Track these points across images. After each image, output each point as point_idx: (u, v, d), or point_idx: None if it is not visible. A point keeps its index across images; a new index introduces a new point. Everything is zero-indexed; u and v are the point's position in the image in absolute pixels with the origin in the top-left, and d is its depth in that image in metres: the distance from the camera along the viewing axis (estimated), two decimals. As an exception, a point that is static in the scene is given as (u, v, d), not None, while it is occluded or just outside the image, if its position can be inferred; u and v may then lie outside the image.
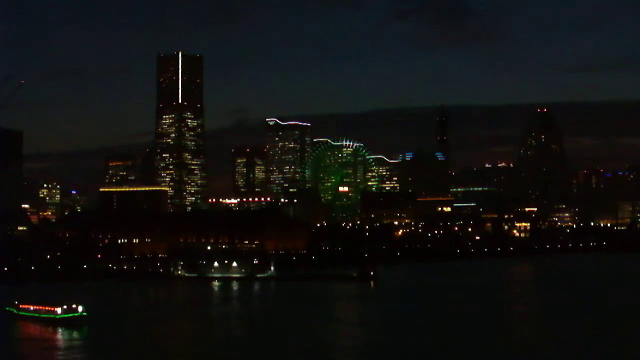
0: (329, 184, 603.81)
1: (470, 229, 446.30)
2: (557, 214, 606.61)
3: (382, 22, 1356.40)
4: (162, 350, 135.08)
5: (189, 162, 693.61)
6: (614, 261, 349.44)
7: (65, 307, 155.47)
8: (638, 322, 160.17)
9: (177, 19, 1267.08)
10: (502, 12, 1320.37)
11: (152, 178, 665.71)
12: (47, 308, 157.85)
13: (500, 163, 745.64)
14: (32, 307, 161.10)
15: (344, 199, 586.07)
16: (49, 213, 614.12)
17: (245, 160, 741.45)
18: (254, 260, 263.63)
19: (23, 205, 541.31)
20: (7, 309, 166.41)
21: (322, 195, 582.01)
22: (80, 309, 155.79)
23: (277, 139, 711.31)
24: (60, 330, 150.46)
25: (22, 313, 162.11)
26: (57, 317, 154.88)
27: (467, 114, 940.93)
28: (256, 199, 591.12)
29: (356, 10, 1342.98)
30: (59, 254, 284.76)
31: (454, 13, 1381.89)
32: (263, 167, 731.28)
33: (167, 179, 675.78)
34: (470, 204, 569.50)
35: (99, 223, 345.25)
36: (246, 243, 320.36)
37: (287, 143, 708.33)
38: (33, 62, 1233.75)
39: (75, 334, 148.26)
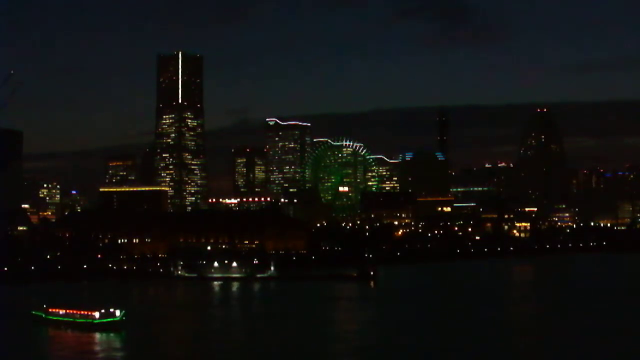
0: (329, 184, 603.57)
1: (470, 229, 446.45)
2: (557, 214, 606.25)
3: (382, 22, 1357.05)
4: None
5: (189, 162, 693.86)
6: (614, 261, 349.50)
7: (103, 311, 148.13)
8: (637, 322, 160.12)
9: (177, 19, 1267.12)
10: (503, 12, 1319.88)
11: (152, 178, 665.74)
12: (83, 312, 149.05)
13: (500, 163, 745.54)
14: (62, 311, 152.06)
15: (344, 199, 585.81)
16: (49, 213, 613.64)
17: (245, 160, 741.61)
18: (254, 260, 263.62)
19: (23, 205, 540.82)
20: (34, 312, 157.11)
21: (322, 195, 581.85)
22: (118, 312, 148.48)
23: (277, 139, 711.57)
24: (97, 335, 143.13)
25: (52, 317, 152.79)
26: (95, 321, 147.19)
27: (467, 114, 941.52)
28: (256, 199, 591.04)
29: (357, 10, 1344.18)
30: (59, 254, 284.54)
31: (454, 13, 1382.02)
32: (263, 167, 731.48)
33: (167, 179, 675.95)
34: (470, 204, 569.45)
35: (99, 223, 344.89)
36: (246, 243, 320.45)
37: (287, 143, 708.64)
38: (33, 62, 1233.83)
39: (113, 339, 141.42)
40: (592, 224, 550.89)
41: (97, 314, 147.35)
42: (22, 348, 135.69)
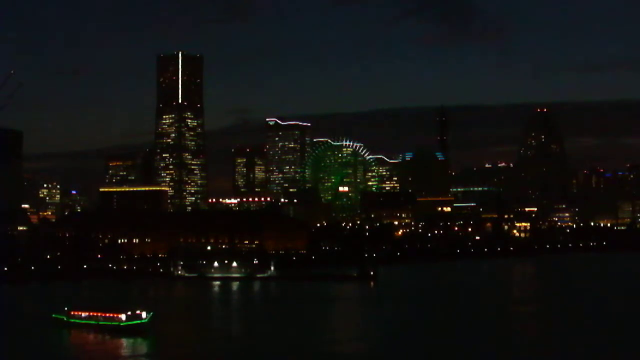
0: (329, 184, 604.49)
1: (470, 229, 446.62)
2: (557, 214, 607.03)
3: (382, 22, 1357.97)
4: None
5: (189, 162, 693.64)
6: (614, 261, 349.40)
7: (129, 313, 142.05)
8: (636, 322, 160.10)
9: (177, 19, 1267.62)
10: (503, 12, 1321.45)
11: (152, 178, 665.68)
12: (109, 314, 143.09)
13: (500, 163, 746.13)
14: (84, 314, 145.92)
15: (344, 199, 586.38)
16: (49, 213, 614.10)
17: (245, 160, 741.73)
18: (254, 260, 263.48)
19: (23, 205, 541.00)
20: (55, 315, 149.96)
21: (322, 195, 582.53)
22: (144, 315, 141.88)
23: (277, 139, 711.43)
24: (123, 338, 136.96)
25: (74, 320, 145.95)
26: (122, 324, 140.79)
27: (467, 114, 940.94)
28: (256, 199, 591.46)
29: (357, 10, 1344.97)
30: (59, 254, 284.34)
31: (454, 13, 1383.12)
32: (263, 167, 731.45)
33: (167, 179, 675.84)
34: (470, 204, 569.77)
35: (99, 223, 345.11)
36: (246, 243, 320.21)
37: (287, 143, 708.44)
38: (33, 62, 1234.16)
39: (141, 343, 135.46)
40: (592, 224, 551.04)
41: (123, 316, 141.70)
42: (43, 353, 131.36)
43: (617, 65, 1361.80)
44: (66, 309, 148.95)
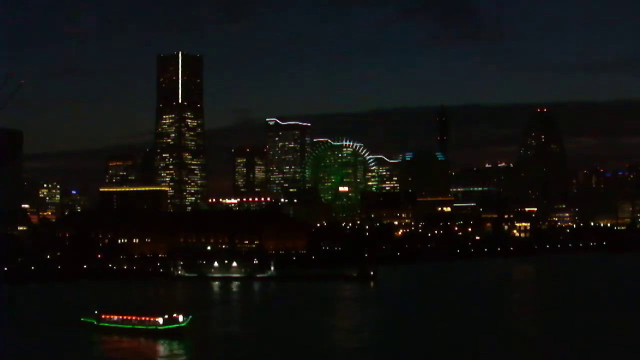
0: (329, 184, 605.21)
1: (470, 229, 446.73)
2: (557, 214, 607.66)
3: (383, 21, 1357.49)
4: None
5: (189, 162, 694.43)
6: (614, 261, 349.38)
7: (166, 316, 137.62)
8: (636, 322, 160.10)
9: (177, 19, 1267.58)
10: (503, 12, 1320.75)
11: (152, 178, 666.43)
12: (145, 318, 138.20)
13: (500, 163, 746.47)
14: (116, 317, 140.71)
15: (344, 199, 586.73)
16: (49, 213, 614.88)
17: (245, 160, 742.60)
18: (254, 260, 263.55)
19: (23, 205, 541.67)
20: (83, 319, 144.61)
21: (322, 195, 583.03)
22: (181, 318, 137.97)
23: (277, 139, 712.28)
24: (159, 343, 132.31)
25: (105, 324, 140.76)
26: (159, 328, 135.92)
27: (467, 114, 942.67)
28: (256, 199, 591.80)
29: (357, 10, 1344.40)
30: (59, 254, 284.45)
31: (454, 13, 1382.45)
32: (263, 167, 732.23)
33: (167, 179, 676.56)
34: (470, 204, 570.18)
35: (99, 223, 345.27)
36: (246, 243, 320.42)
37: (287, 143, 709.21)
38: (33, 62, 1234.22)
39: (178, 348, 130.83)
40: (592, 224, 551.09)
41: (160, 320, 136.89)
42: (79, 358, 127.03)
43: (617, 65, 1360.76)
44: (96, 312, 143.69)
